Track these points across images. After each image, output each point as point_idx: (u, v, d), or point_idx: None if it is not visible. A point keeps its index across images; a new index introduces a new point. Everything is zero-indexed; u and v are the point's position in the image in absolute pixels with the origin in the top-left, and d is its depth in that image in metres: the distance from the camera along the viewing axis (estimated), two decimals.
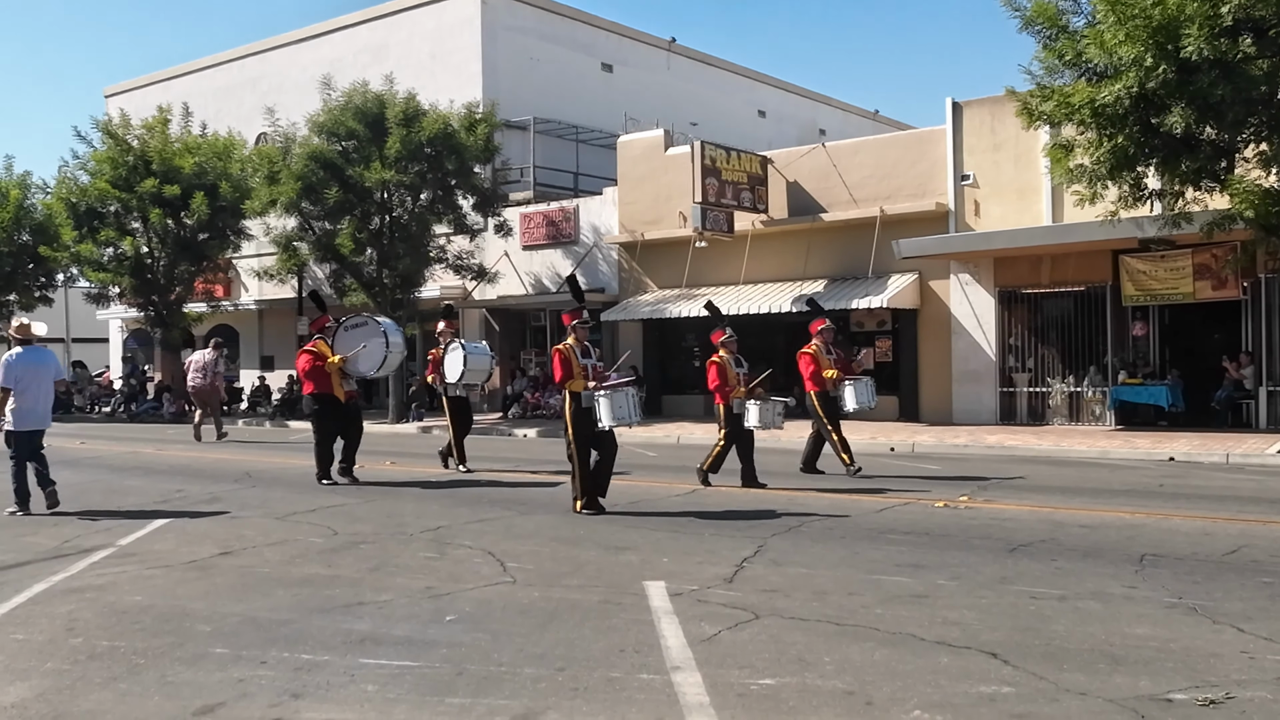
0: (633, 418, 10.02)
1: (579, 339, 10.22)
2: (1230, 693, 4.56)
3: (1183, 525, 8.90)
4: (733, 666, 5.05)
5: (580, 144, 30.69)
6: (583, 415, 9.88)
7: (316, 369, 12.64)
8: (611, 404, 9.86)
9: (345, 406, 12.89)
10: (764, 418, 11.93)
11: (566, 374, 9.96)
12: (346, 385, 12.89)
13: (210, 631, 5.87)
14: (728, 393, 11.84)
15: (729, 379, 11.87)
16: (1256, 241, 15.12)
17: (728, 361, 11.96)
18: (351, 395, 13.02)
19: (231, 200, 27.86)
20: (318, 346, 12.85)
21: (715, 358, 12.03)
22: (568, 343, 10.14)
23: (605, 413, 9.83)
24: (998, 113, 19.78)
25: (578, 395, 9.92)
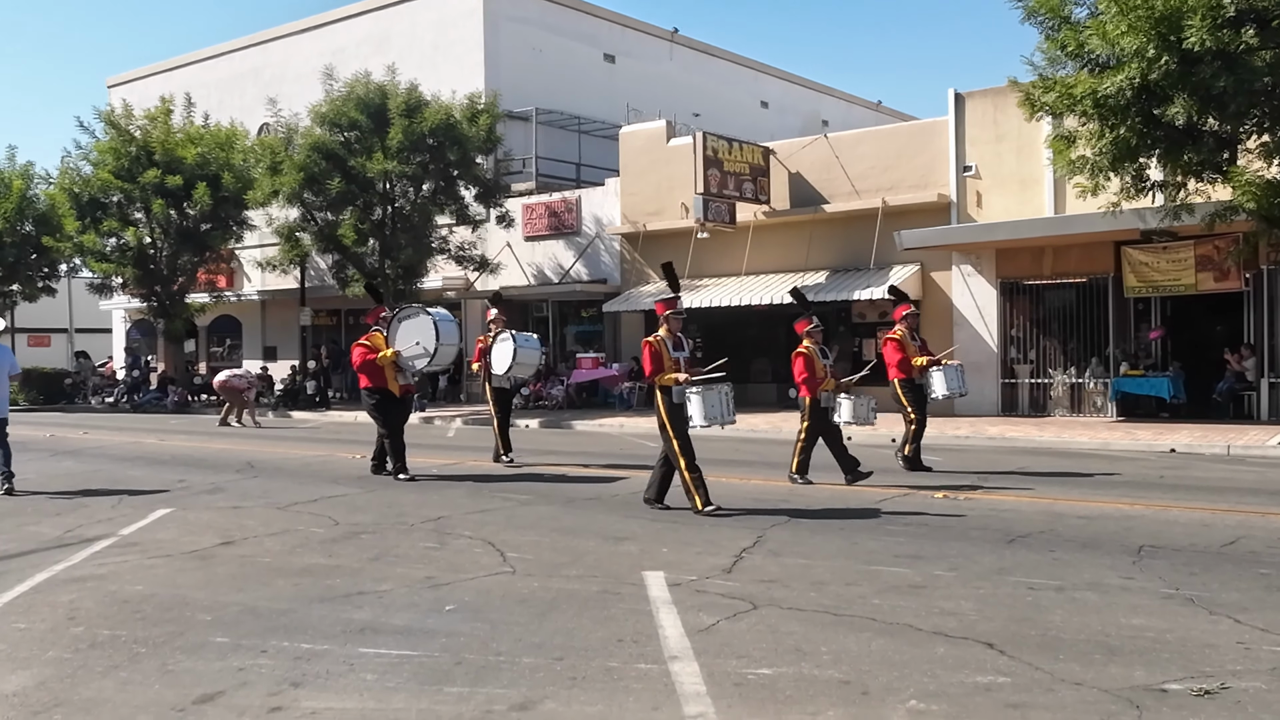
0: (726, 418, 9.47)
1: (671, 330, 9.61)
2: (1225, 683, 4.58)
3: (1181, 516, 8.92)
4: (730, 656, 5.08)
5: (582, 135, 30.67)
6: (677, 410, 9.34)
7: (370, 362, 12.19)
8: (704, 403, 9.34)
9: (401, 400, 12.49)
10: (858, 412, 11.46)
11: (657, 367, 9.38)
12: (401, 379, 12.39)
13: (211, 620, 5.90)
14: (815, 385, 11.20)
15: (816, 371, 11.24)
16: (1258, 233, 15.11)
17: (814, 352, 11.32)
18: (407, 389, 12.59)
19: (234, 191, 27.89)
20: (372, 339, 12.40)
21: (801, 348, 11.35)
22: (659, 334, 9.57)
23: (697, 412, 9.34)
24: (1000, 104, 19.76)
25: (668, 390, 9.34)
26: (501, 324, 13.97)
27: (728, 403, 9.52)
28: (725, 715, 4.30)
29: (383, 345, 12.24)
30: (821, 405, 11.22)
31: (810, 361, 11.24)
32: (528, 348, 13.80)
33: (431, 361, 12.26)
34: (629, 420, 21.07)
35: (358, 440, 18.12)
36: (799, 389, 11.35)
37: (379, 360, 12.12)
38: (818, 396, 11.20)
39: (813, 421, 11.19)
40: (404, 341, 12.23)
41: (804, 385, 11.24)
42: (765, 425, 18.68)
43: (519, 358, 13.50)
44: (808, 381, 11.20)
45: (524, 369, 13.91)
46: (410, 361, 12.25)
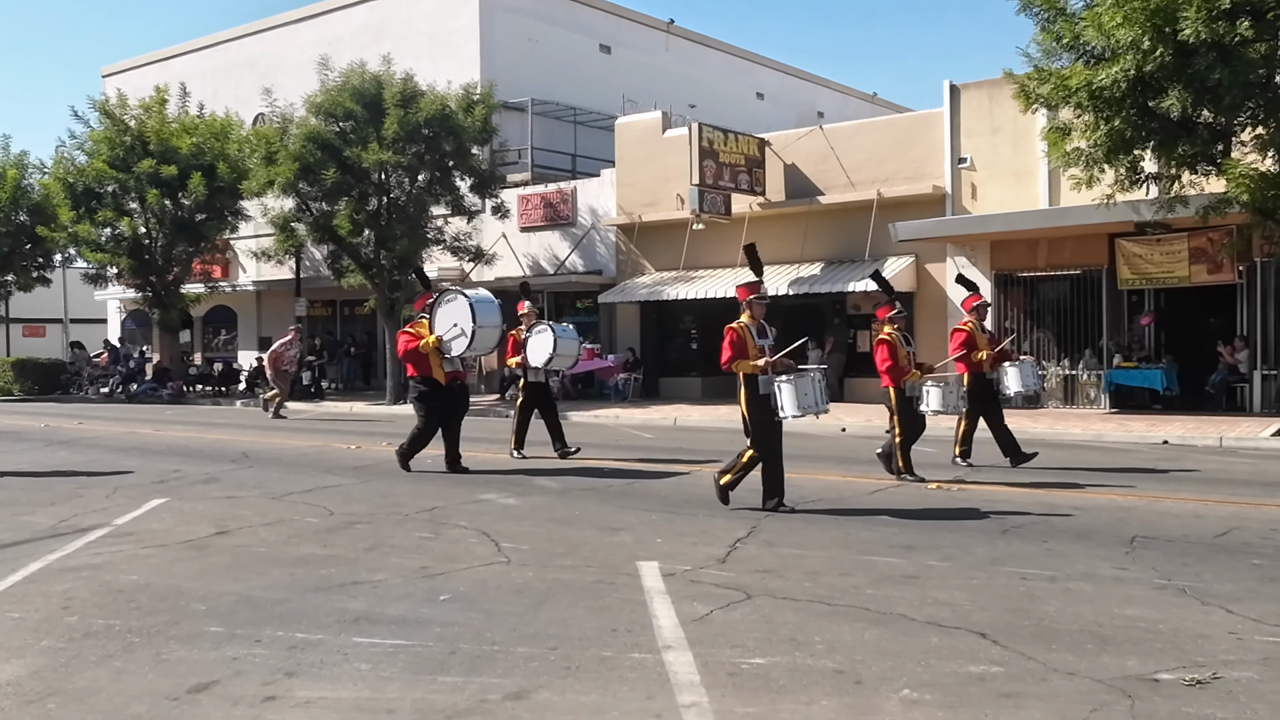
0: (820, 406, 8.84)
1: (755, 316, 9.04)
2: (1217, 673, 4.60)
3: (1174, 507, 8.95)
4: (724, 646, 5.09)
5: (578, 125, 30.62)
6: (761, 401, 8.76)
7: (414, 350, 11.71)
8: (796, 391, 8.71)
9: (449, 390, 11.97)
10: (946, 401, 10.87)
11: (738, 354, 8.80)
12: (447, 366, 11.85)
13: (205, 610, 5.91)
14: (900, 374, 10.66)
15: (900, 359, 10.70)
16: (1252, 225, 15.15)
17: (897, 339, 10.74)
18: (455, 376, 12.05)
19: (229, 181, 27.81)
20: (417, 327, 11.96)
21: (884, 335, 10.80)
22: (741, 320, 9.00)
23: (788, 401, 8.69)
24: (995, 96, 19.76)
25: (753, 380, 8.77)
26: (535, 315, 13.58)
27: (820, 390, 8.95)
28: (719, 705, 4.31)
29: (427, 332, 11.81)
30: (906, 395, 10.70)
31: (894, 349, 10.67)
32: (567, 338, 13.28)
33: (471, 344, 11.65)
34: (624, 411, 21.07)
35: (353, 431, 18.14)
36: (881, 379, 10.82)
37: (422, 348, 11.68)
38: (902, 386, 10.67)
39: (902, 414, 10.66)
40: (443, 326, 11.70)
41: (886, 375, 10.70)
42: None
43: (559, 349, 13.00)
44: (891, 371, 10.65)
45: (564, 360, 13.39)
46: (450, 346, 11.69)
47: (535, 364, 13.14)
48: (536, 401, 13.34)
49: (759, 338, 8.94)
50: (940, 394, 10.81)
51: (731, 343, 8.86)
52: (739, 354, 8.80)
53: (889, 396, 10.76)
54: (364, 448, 14.89)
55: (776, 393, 8.74)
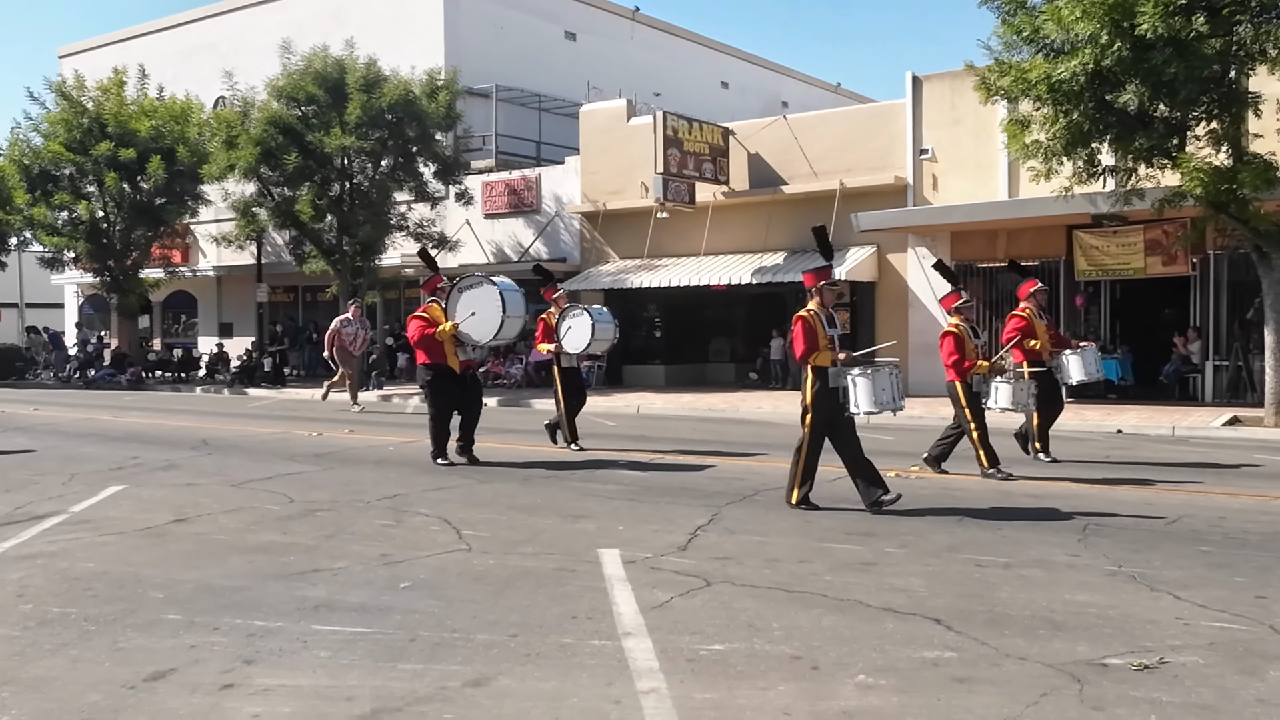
0: (896, 403, 8.45)
1: (824, 304, 8.48)
2: (1164, 658, 4.70)
3: (1126, 495, 9.10)
4: (683, 633, 5.14)
5: (543, 112, 30.56)
6: (828, 396, 8.25)
7: (428, 337, 11.18)
8: (873, 386, 8.28)
9: (462, 378, 11.51)
10: (1017, 397, 10.36)
11: (810, 346, 8.25)
12: (462, 355, 11.39)
13: (163, 598, 5.88)
14: (967, 368, 10.21)
15: (967, 352, 10.24)
16: (1206, 219, 15.38)
17: (965, 331, 10.31)
18: (468, 365, 11.61)
19: (189, 165, 27.53)
20: (429, 311, 11.42)
21: (951, 326, 10.38)
22: (810, 308, 8.43)
23: (864, 396, 8.26)
24: (957, 87, 19.91)
25: (822, 372, 8.25)
26: (566, 300, 13.12)
27: (897, 384, 8.49)
28: (677, 691, 4.36)
29: (441, 318, 11.25)
30: (973, 390, 10.25)
31: (960, 342, 10.22)
32: (604, 322, 12.70)
33: (497, 335, 11.20)
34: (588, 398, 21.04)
35: (316, 418, 18.04)
36: (946, 372, 10.31)
37: (437, 335, 11.11)
38: (969, 380, 10.23)
39: (972, 406, 10.20)
40: (464, 314, 11.12)
41: (952, 368, 10.21)
42: (724, 404, 18.80)
43: (597, 334, 12.43)
44: (956, 364, 10.20)
45: (601, 345, 12.77)
46: (471, 336, 11.17)
47: (572, 350, 12.65)
48: (573, 388, 12.83)
49: (829, 327, 8.39)
50: (1010, 391, 10.33)
51: (804, 333, 8.27)
52: (813, 345, 8.25)
53: (955, 391, 10.28)
54: (326, 435, 14.81)
55: (851, 387, 8.28)
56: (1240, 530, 7.48)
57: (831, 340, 8.31)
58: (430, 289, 11.85)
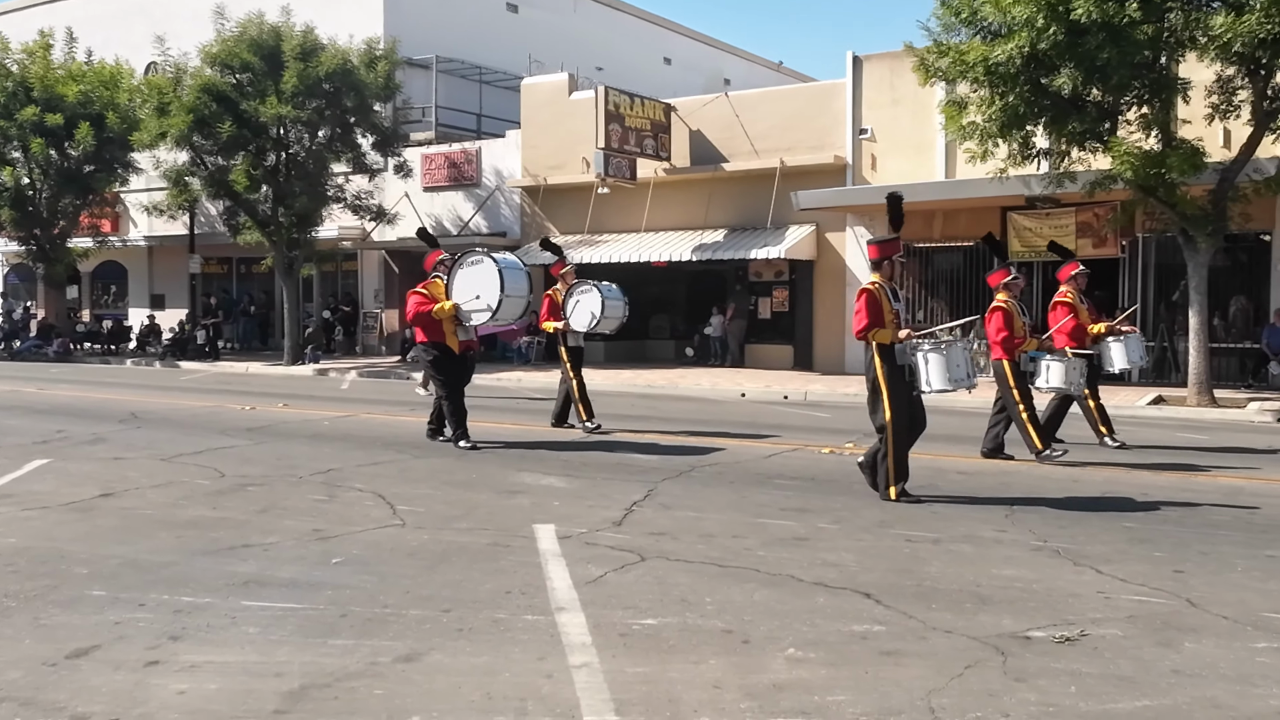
0: (971, 380, 8.09)
1: (887, 276, 8.07)
2: (1085, 630, 4.81)
3: (1054, 473, 9.29)
4: (616, 607, 5.16)
5: (484, 85, 30.24)
6: (898, 373, 7.83)
7: (425, 314, 10.61)
8: (947, 362, 7.89)
9: (462, 359, 10.95)
10: (1069, 376, 9.97)
11: (874, 321, 7.78)
12: (462, 334, 10.80)
13: (88, 574, 5.77)
14: (1015, 346, 9.86)
15: (1016, 329, 9.88)
16: (1135, 202, 15.71)
17: (1014, 308, 9.93)
18: (469, 346, 10.98)
19: (119, 132, 26.83)
20: (430, 288, 10.80)
21: (999, 303, 9.98)
22: (875, 280, 8.00)
23: (936, 373, 7.87)
24: (897, 68, 20.05)
25: (889, 350, 7.80)
26: (574, 276, 12.61)
27: (971, 360, 8.11)
28: (609, 665, 4.37)
29: (442, 295, 10.68)
30: (1021, 369, 9.90)
31: (1009, 318, 9.86)
32: (613, 298, 12.21)
33: (495, 315, 10.52)
34: (527, 375, 21.04)
35: (249, 391, 17.78)
36: (992, 350, 9.90)
37: (435, 313, 10.57)
38: (1016, 359, 9.87)
39: (1020, 386, 9.84)
40: (463, 292, 10.56)
41: (999, 346, 9.80)
42: (663, 381, 18.86)
43: (607, 310, 11.97)
44: (1005, 342, 9.80)
45: (610, 323, 12.27)
46: (470, 317, 10.61)
47: (579, 327, 12.16)
48: (579, 364, 12.30)
49: (894, 301, 7.95)
50: (1063, 370, 9.94)
51: (867, 307, 7.79)
52: (876, 321, 7.79)
53: (1002, 370, 9.88)
54: (259, 409, 14.61)
55: (921, 364, 7.89)
56: (1161, 507, 7.68)
57: (897, 315, 7.90)
58: (431, 264, 11.22)
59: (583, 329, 12.18)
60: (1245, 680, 4.21)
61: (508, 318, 10.98)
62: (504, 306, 10.46)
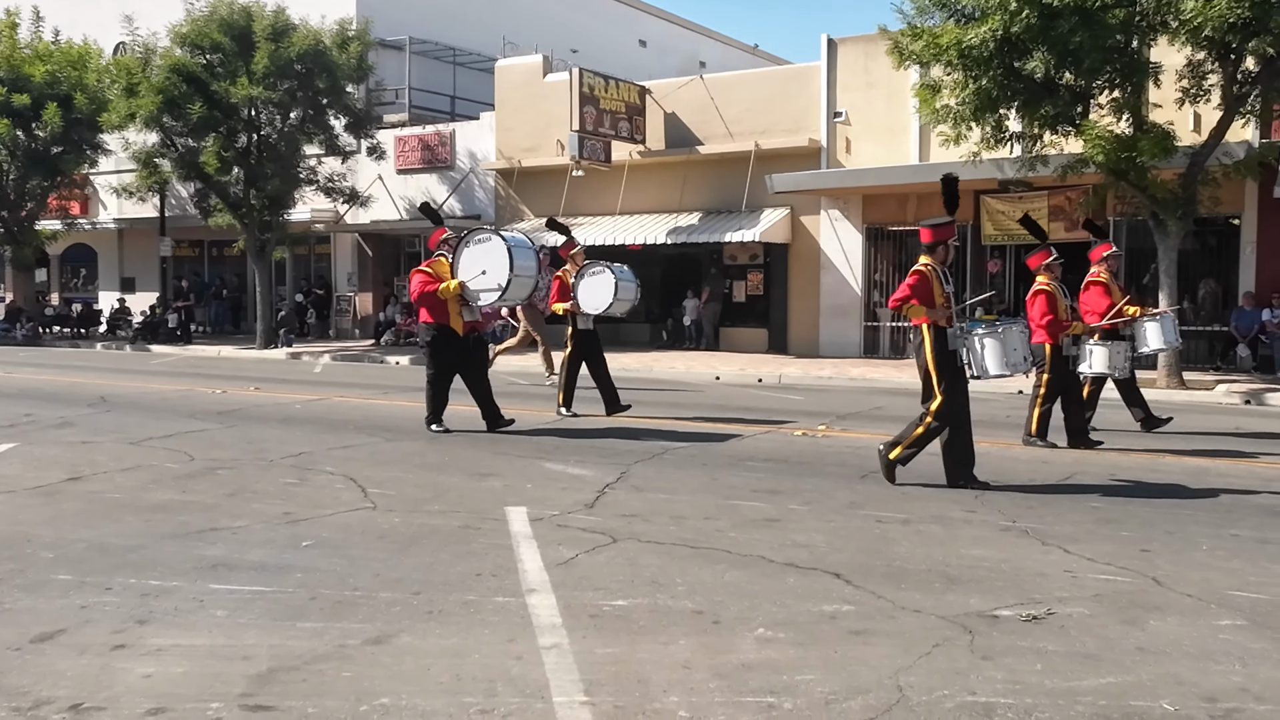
0: (1026, 365, 7.93)
1: (941, 260, 7.80)
2: (1052, 609, 4.86)
3: (1023, 454, 9.37)
4: (587, 589, 5.16)
5: (458, 67, 30.05)
6: (949, 358, 7.61)
7: (430, 294, 10.27)
8: (1004, 346, 7.61)
9: (465, 341, 10.56)
10: (1114, 360, 9.76)
11: (924, 301, 7.54)
12: (468, 315, 10.45)
13: (54, 558, 5.72)
14: (1060, 328, 9.58)
15: (1060, 312, 9.61)
16: (1106, 185, 15.80)
17: (1056, 290, 9.66)
18: (473, 327, 10.65)
19: (87, 113, 26.50)
20: (435, 266, 10.48)
21: (1041, 285, 9.70)
22: (927, 262, 7.74)
23: (991, 358, 7.63)
24: (871, 51, 20.05)
25: (941, 332, 7.57)
26: (584, 257, 12.29)
27: (1026, 343, 7.90)
28: (579, 646, 4.38)
29: (447, 274, 10.36)
30: (1064, 353, 9.67)
31: (1054, 300, 9.56)
32: (627, 281, 11.83)
33: (503, 295, 10.24)
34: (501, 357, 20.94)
35: (220, 375, 17.66)
36: (1034, 334, 9.28)
37: (441, 293, 10.24)
38: (1059, 342, 9.61)
39: (1054, 374, 9.63)
40: (470, 270, 10.24)
41: (1044, 330, 9.49)
42: (636, 364, 18.84)
43: (620, 293, 11.61)
44: (1051, 326, 9.51)
45: (622, 305, 11.87)
46: (477, 296, 10.29)
47: (591, 310, 11.74)
48: (586, 352, 11.93)
49: (945, 284, 7.73)
50: (1106, 354, 9.75)
51: (915, 284, 7.55)
52: (923, 298, 7.54)
53: (1043, 353, 9.50)
54: (230, 392, 14.51)
55: (977, 348, 7.64)
56: (1129, 487, 7.75)
57: (948, 299, 7.67)
58: (434, 243, 10.91)
59: (595, 311, 11.77)
60: (1208, 657, 4.26)
61: (516, 297, 10.66)
62: (513, 286, 10.11)
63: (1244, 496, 7.52)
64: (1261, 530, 6.44)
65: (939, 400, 7.57)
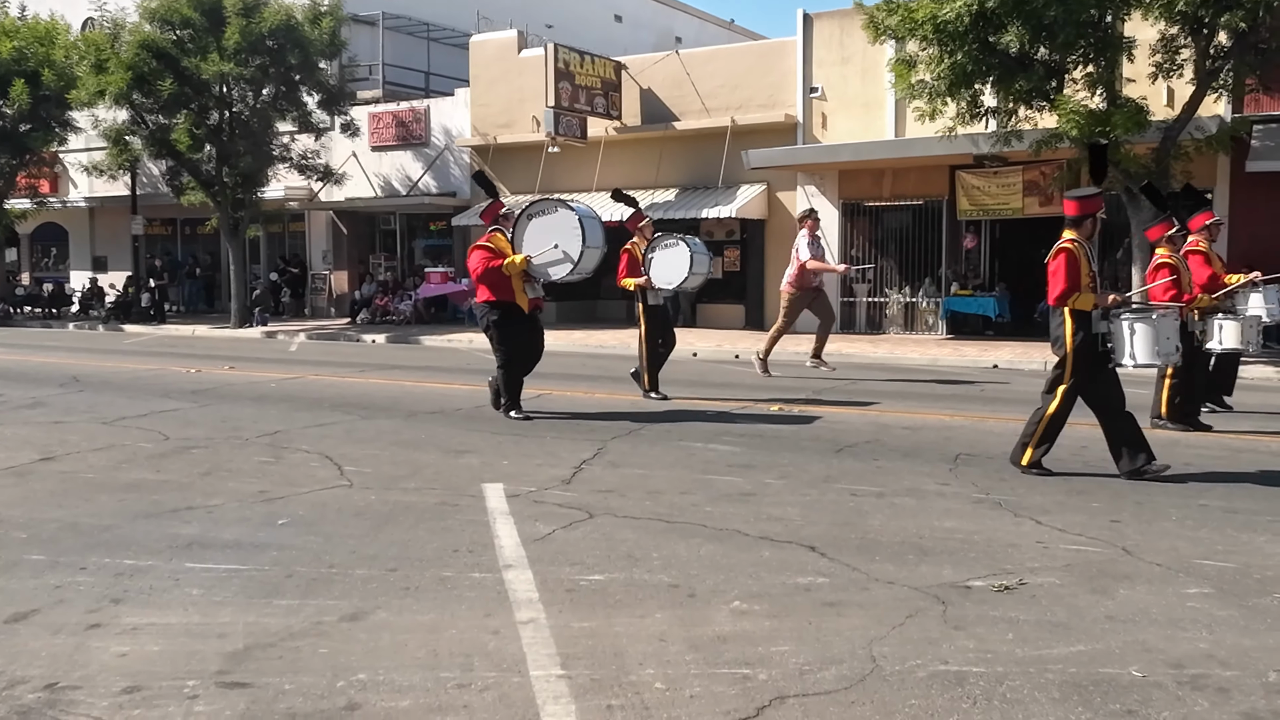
0: (1178, 355, 7.45)
1: (1087, 235, 7.16)
2: (1023, 579, 4.92)
3: (997, 427, 9.42)
4: (564, 564, 5.18)
5: (432, 42, 29.78)
6: (1092, 345, 7.03)
7: (493, 270, 9.71)
8: (1157, 334, 7.07)
9: (531, 318, 10.05)
10: (1245, 335, 9.10)
11: (1072, 286, 6.96)
12: (531, 291, 9.95)
13: (27, 538, 5.69)
14: (1187, 301, 8.96)
15: (1184, 287, 9.03)
16: (1080, 160, 15.82)
17: (1180, 263, 9.09)
18: (536, 304, 10.07)
19: (56, 89, 26.10)
20: (494, 241, 9.90)
21: (1162, 258, 9.05)
22: (1072, 238, 7.09)
23: (1142, 346, 7.05)
24: (847, 26, 20.01)
25: (1085, 317, 7.01)
26: (653, 229, 11.73)
27: (1179, 331, 7.38)
28: (555, 620, 4.40)
29: (508, 249, 9.85)
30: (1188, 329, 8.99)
31: (1178, 275, 8.92)
32: (702, 254, 11.35)
33: (575, 269, 9.80)
34: (478, 336, 20.85)
35: (194, 354, 17.55)
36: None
37: (505, 268, 9.69)
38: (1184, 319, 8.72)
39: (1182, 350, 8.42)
40: (536, 244, 9.78)
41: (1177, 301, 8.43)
42: (614, 341, 18.84)
43: (695, 266, 11.09)
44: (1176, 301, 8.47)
45: (696, 279, 11.37)
46: (546, 270, 9.84)
47: (664, 285, 11.24)
48: (660, 329, 11.48)
49: (1092, 262, 7.14)
50: (1237, 329, 9.09)
51: (1067, 268, 6.96)
52: (1075, 285, 6.95)
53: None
54: (204, 371, 14.42)
55: (1126, 334, 7.09)
56: (1100, 459, 7.79)
57: (1094, 278, 7.08)
58: (491, 216, 10.27)
59: (668, 286, 11.27)
60: (1175, 624, 4.33)
61: (587, 270, 10.12)
62: (584, 258, 9.76)
63: (1213, 467, 7.61)
64: (1229, 500, 6.53)
65: (1068, 383, 7.07)
